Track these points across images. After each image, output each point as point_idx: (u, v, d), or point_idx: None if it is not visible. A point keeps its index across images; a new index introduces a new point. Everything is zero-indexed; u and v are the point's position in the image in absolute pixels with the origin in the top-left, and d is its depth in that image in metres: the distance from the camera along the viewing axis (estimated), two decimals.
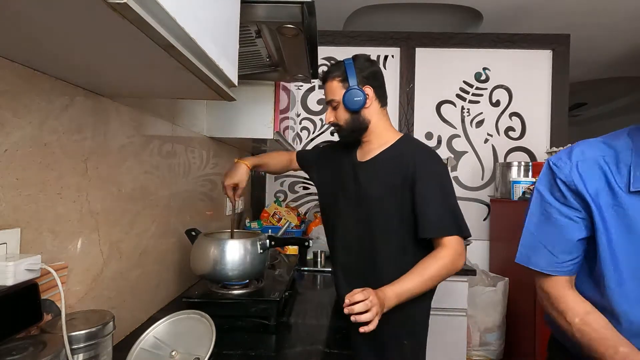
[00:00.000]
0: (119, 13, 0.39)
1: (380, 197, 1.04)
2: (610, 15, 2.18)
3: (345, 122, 1.07)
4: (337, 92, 1.06)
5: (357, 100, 1.03)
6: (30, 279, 0.58)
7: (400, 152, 1.06)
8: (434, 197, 0.99)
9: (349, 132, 1.09)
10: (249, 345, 0.88)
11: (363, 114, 1.06)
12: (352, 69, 1.04)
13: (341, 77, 1.05)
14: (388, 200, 1.03)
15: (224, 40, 0.66)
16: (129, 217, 0.94)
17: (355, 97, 1.03)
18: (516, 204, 2.04)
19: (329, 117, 1.10)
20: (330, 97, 1.08)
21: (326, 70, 1.10)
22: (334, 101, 1.07)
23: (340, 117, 1.08)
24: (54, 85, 0.68)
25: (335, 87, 1.06)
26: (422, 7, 2.25)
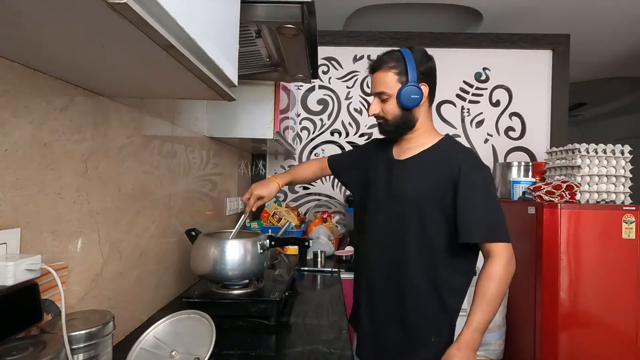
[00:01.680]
0: (119, 13, 0.39)
1: (417, 197, 0.99)
2: (610, 15, 2.18)
3: (393, 117, 1.01)
4: (392, 84, 0.98)
5: (414, 99, 0.97)
6: (30, 279, 0.58)
7: (444, 153, 1.01)
8: (481, 202, 0.95)
9: (395, 128, 1.03)
10: (249, 345, 0.88)
11: (414, 112, 1.01)
12: (412, 62, 0.97)
13: (398, 70, 0.98)
14: (425, 201, 0.98)
15: (224, 40, 0.66)
16: (129, 217, 0.94)
17: (413, 94, 0.97)
18: (516, 204, 2.04)
19: (375, 108, 1.03)
20: (381, 89, 1.00)
21: (379, 58, 1.02)
22: (385, 94, 1.00)
23: (388, 111, 1.01)
24: (54, 85, 0.68)
25: (390, 79, 0.98)
26: (422, 7, 2.25)
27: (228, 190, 1.84)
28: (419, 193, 0.99)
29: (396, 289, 1.00)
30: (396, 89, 0.98)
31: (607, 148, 1.81)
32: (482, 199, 0.95)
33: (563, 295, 1.72)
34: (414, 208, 0.98)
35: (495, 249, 0.93)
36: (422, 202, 0.98)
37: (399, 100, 0.98)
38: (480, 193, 0.95)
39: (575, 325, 1.72)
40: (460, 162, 0.97)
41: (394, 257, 1.01)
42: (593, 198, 1.79)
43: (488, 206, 0.95)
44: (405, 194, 1.00)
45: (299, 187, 2.48)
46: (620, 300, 1.73)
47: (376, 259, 1.05)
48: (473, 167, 0.97)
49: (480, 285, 0.94)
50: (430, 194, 0.97)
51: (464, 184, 0.94)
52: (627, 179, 1.81)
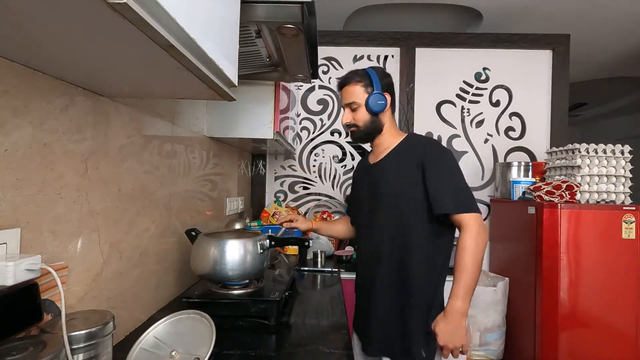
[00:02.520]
0: (119, 13, 0.39)
1: (395, 192, 1.10)
2: (610, 15, 2.18)
3: (363, 124, 1.15)
4: (360, 95, 1.14)
5: (380, 104, 1.13)
6: (30, 279, 0.58)
7: (408, 145, 1.15)
8: (445, 177, 1.06)
9: (365, 133, 1.17)
10: (249, 345, 0.88)
11: (380, 117, 1.16)
12: (375, 76, 1.14)
13: (364, 83, 1.14)
14: (403, 191, 1.09)
15: (224, 40, 0.66)
16: (129, 217, 0.94)
17: (379, 100, 1.13)
18: (516, 204, 2.04)
19: (347, 118, 1.17)
20: (351, 99, 1.15)
21: (347, 75, 1.18)
22: (355, 103, 1.15)
23: (359, 119, 1.16)
24: (54, 85, 0.68)
25: (358, 90, 1.14)
26: (422, 7, 2.25)
27: (228, 190, 1.84)
28: (396, 187, 1.11)
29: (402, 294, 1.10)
30: (364, 98, 1.13)
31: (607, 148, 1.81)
32: (448, 174, 1.07)
33: (563, 295, 1.72)
34: (396, 202, 1.10)
35: (464, 220, 1.03)
36: (401, 192, 1.10)
37: (367, 107, 1.13)
38: (445, 170, 1.07)
39: (575, 325, 1.72)
40: (422, 145, 1.12)
41: (395, 260, 1.11)
42: (593, 198, 1.79)
43: (455, 180, 1.07)
44: (385, 192, 1.13)
45: (299, 187, 2.48)
46: (620, 300, 1.73)
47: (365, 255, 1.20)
48: (435, 148, 1.11)
49: (457, 257, 1.04)
50: (406, 183, 1.09)
51: (430, 162, 1.06)
52: (627, 179, 1.81)
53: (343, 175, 2.48)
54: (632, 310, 1.73)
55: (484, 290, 2.02)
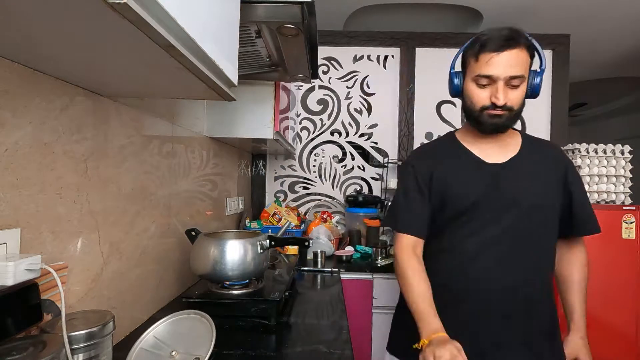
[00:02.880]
0: (119, 13, 0.39)
1: (537, 201, 0.90)
2: (610, 15, 2.18)
3: (519, 109, 0.88)
4: (526, 67, 0.83)
5: (539, 86, 0.87)
6: (30, 279, 0.58)
7: (543, 148, 0.98)
8: (587, 196, 1.00)
9: (513, 121, 0.89)
10: (249, 345, 0.88)
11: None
12: (539, 45, 0.85)
13: (530, 52, 0.84)
14: (545, 203, 0.92)
15: (224, 40, 0.66)
16: (129, 217, 0.94)
17: (541, 82, 0.87)
18: None
19: (505, 97, 0.83)
20: (518, 71, 0.82)
21: (514, 32, 0.82)
22: (520, 78, 0.82)
23: (517, 100, 0.85)
24: (54, 85, 0.68)
25: (525, 60, 0.82)
26: (422, 7, 2.25)
27: (228, 190, 1.84)
28: (538, 196, 0.91)
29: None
30: (527, 73, 0.84)
31: (607, 148, 1.81)
32: (585, 192, 1.01)
33: None
34: (536, 213, 0.91)
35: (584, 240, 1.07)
36: (541, 204, 0.91)
37: (533, 88, 0.85)
38: (584, 187, 1.01)
39: None
40: (565, 157, 0.98)
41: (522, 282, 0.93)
42: (593, 198, 1.79)
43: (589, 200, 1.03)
44: (523, 200, 0.90)
45: (299, 187, 2.48)
46: (620, 299, 1.73)
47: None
48: (571, 161, 1.00)
49: (576, 277, 1.03)
50: (548, 194, 0.93)
51: (574, 178, 0.96)
52: (627, 179, 1.81)
53: (343, 175, 2.47)
54: (632, 310, 1.73)
55: None
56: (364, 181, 2.47)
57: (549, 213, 0.93)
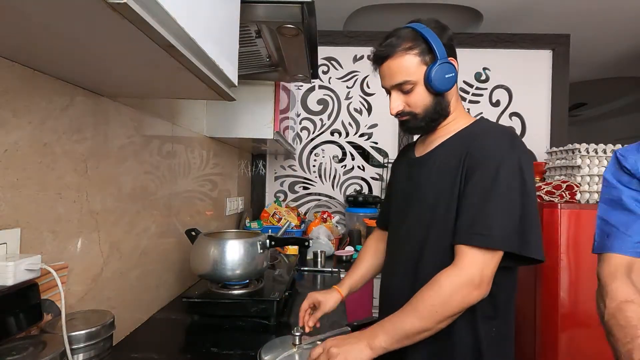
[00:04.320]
0: (119, 13, 0.39)
1: (436, 199, 0.79)
2: (610, 15, 2.18)
3: (425, 109, 0.81)
4: (414, 69, 0.79)
5: (449, 78, 0.78)
6: (30, 279, 0.58)
7: (461, 136, 0.82)
8: (478, 192, 0.72)
9: (428, 122, 0.83)
10: (249, 345, 0.88)
11: (448, 96, 0.82)
12: (433, 35, 0.78)
13: (419, 49, 0.78)
14: (439, 202, 0.79)
15: (224, 40, 0.66)
16: (129, 217, 0.94)
17: (448, 73, 0.78)
18: None
19: (398, 105, 0.82)
20: (401, 79, 0.79)
21: (388, 43, 0.80)
22: (409, 82, 0.79)
23: (417, 103, 0.81)
24: (54, 85, 0.68)
25: (409, 63, 0.78)
26: (422, 7, 2.25)
27: (228, 190, 1.84)
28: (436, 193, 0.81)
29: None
30: (422, 73, 0.79)
31: (607, 148, 1.81)
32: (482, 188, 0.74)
33: (563, 295, 1.72)
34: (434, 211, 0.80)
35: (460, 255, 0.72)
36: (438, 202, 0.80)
37: (430, 85, 0.78)
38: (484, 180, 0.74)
39: (575, 325, 1.72)
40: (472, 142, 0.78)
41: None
42: (593, 198, 1.79)
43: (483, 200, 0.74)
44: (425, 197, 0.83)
45: (299, 186, 2.48)
46: None
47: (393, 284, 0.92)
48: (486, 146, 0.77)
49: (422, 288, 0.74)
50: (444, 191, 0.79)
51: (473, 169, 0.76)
52: None
53: (343, 175, 2.47)
54: None
55: None
56: (364, 181, 2.47)
57: (442, 212, 0.77)
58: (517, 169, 0.72)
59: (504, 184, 0.71)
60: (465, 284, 0.68)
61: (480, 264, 0.69)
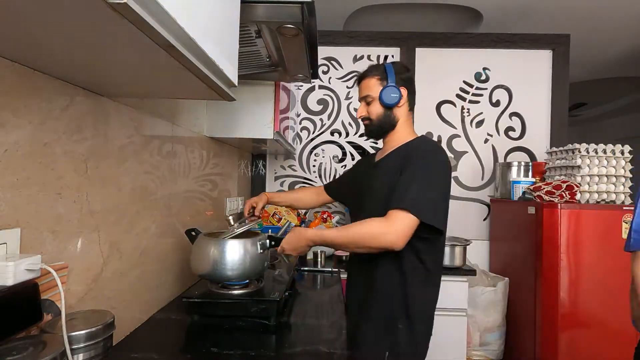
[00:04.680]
0: (119, 13, 0.39)
1: (386, 193, 1.04)
2: (610, 15, 2.18)
3: (377, 117, 1.14)
4: (374, 88, 1.13)
5: (393, 97, 1.11)
6: (30, 279, 0.58)
7: (406, 147, 1.13)
8: (411, 179, 0.99)
9: (378, 127, 1.16)
10: (249, 345, 0.88)
11: (394, 112, 1.14)
12: (391, 70, 1.13)
13: (380, 76, 1.13)
14: (389, 194, 1.02)
15: (224, 40, 0.66)
16: (129, 217, 0.94)
17: (392, 93, 1.11)
18: (516, 204, 2.04)
19: (362, 111, 1.17)
20: (366, 93, 1.15)
21: (365, 70, 1.18)
22: (370, 97, 1.14)
23: (373, 112, 1.15)
24: (54, 85, 0.68)
25: (373, 84, 1.14)
26: (422, 7, 2.25)
27: (228, 190, 1.84)
28: (382, 189, 1.07)
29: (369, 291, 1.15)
30: (378, 91, 1.12)
31: (607, 148, 1.81)
32: (414, 177, 1.01)
33: (563, 295, 1.72)
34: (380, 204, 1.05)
35: (389, 213, 0.97)
36: (384, 197, 1.04)
37: (381, 100, 1.12)
38: (416, 172, 1.02)
39: (575, 325, 1.72)
40: (412, 149, 1.10)
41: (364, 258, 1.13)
42: (593, 198, 1.79)
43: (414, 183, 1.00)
44: (373, 192, 1.12)
45: (299, 186, 2.48)
46: (620, 300, 1.72)
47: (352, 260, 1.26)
48: (420, 152, 1.08)
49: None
50: (390, 186, 1.04)
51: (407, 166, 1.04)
52: (627, 179, 1.81)
53: None
54: None
55: (483, 290, 2.02)
56: None
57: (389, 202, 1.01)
58: (435, 165, 1.04)
59: (426, 173, 1.01)
60: (383, 228, 0.96)
61: (400, 221, 0.95)
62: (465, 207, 2.43)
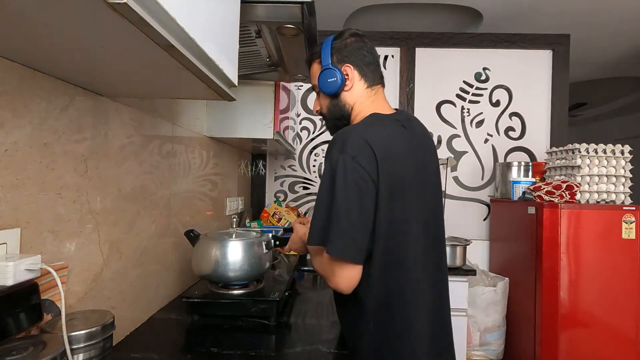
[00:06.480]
0: (119, 13, 0.39)
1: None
2: (610, 15, 2.18)
3: (326, 109, 0.92)
4: (316, 75, 0.90)
5: (331, 82, 0.86)
6: (30, 279, 0.58)
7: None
8: (317, 200, 0.79)
9: (333, 120, 0.92)
10: (249, 345, 0.88)
11: (344, 97, 0.89)
12: (327, 48, 0.87)
13: (319, 59, 0.89)
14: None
15: (224, 40, 0.66)
16: (129, 217, 0.94)
17: (329, 77, 0.86)
18: (516, 204, 2.04)
19: (315, 105, 0.95)
20: (313, 82, 0.93)
21: (309, 55, 0.95)
22: (316, 87, 0.91)
23: (322, 104, 0.93)
24: (54, 85, 0.68)
25: (315, 70, 0.91)
26: (422, 7, 2.25)
27: (228, 190, 1.84)
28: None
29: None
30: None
31: (607, 148, 1.81)
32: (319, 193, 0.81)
33: (563, 295, 1.72)
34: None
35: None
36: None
37: (320, 88, 0.89)
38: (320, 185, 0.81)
39: (575, 325, 1.72)
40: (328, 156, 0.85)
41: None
42: (593, 198, 1.79)
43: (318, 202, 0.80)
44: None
45: (299, 187, 2.48)
46: (620, 300, 1.73)
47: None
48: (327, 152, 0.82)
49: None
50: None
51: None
52: (627, 179, 1.81)
53: None
54: (633, 310, 1.73)
55: (483, 290, 2.02)
56: None
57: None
58: (328, 181, 0.76)
59: (322, 189, 0.78)
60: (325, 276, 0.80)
61: (325, 262, 0.78)
62: (465, 207, 2.43)
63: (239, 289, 1.08)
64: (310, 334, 0.97)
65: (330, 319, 1.09)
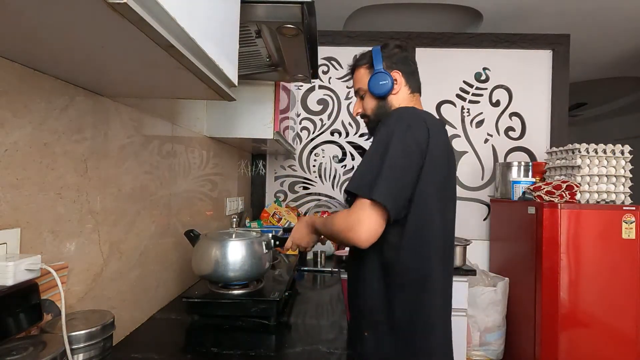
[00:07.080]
0: (119, 13, 0.39)
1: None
2: (610, 15, 2.18)
3: (372, 111, 1.01)
4: (364, 79, 1.00)
5: (382, 84, 0.96)
6: (30, 279, 0.58)
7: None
8: (366, 155, 0.88)
9: (376, 122, 0.99)
10: (249, 345, 0.88)
11: (390, 100, 0.98)
12: (378, 54, 0.98)
13: (368, 64, 1.01)
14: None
15: (224, 40, 0.66)
16: (129, 217, 0.94)
17: (381, 80, 0.96)
18: (516, 204, 2.04)
19: (357, 108, 1.04)
20: (357, 86, 1.03)
21: (354, 60, 1.05)
22: (361, 90, 1.02)
23: (367, 106, 1.01)
24: (54, 85, 0.68)
25: (362, 75, 1.01)
26: (422, 7, 2.25)
27: (228, 190, 1.84)
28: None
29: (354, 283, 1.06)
30: (367, 81, 1.00)
31: (607, 148, 1.81)
32: (369, 152, 0.88)
33: (563, 295, 1.72)
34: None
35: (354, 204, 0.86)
36: None
37: (370, 89, 0.98)
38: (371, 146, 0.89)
39: (575, 325, 1.72)
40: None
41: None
42: (593, 198, 1.79)
43: (369, 158, 0.87)
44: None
45: (299, 187, 2.48)
46: (620, 300, 1.73)
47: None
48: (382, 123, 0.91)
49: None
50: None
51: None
52: (627, 179, 1.81)
53: (343, 175, 2.48)
54: (633, 310, 1.73)
55: (483, 290, 2.02)
56: None
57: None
58: (391, 133, 0.85)
59: (371, 150, 0.87)
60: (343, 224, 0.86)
61: (354, 210, 0.83)
62: (465, 207, 2.43)
63: (239, 289, 1.08)
64: (310, 334, 0.97)
65: (330, 319, 1.09)
